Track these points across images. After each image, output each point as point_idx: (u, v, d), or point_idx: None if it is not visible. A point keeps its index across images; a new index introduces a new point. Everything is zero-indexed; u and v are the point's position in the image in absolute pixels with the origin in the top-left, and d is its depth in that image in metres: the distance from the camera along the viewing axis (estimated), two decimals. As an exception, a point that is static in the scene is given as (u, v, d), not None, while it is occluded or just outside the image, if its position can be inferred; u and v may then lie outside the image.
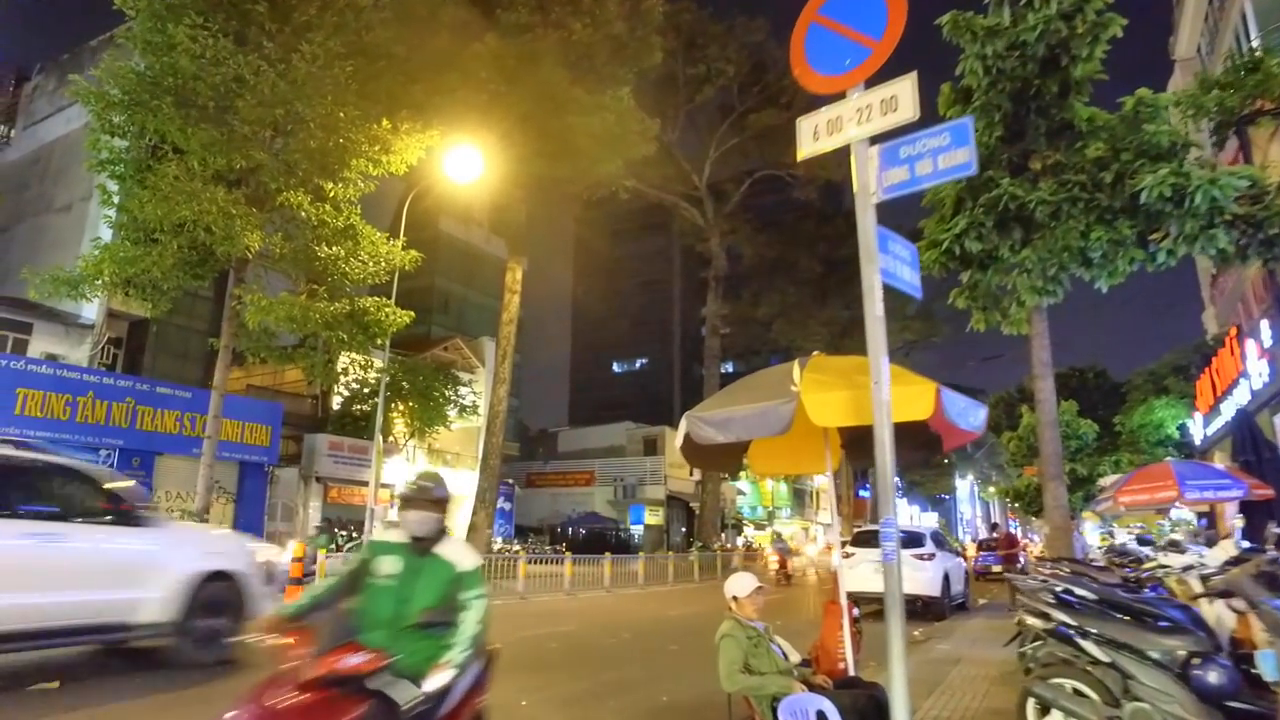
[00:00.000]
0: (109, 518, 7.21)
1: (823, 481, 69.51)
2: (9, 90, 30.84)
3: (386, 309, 19.09)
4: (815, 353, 5.29)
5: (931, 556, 13.19)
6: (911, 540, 13.94)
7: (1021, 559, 18.74)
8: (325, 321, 17.56)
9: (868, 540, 14.26)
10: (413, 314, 20.03)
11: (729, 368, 61.21)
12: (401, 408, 30.59)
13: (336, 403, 31.04)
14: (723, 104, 42.60)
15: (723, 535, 43.21)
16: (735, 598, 4.79)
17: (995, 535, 21.90)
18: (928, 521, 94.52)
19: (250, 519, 23.49)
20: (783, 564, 24.40)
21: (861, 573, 13.48)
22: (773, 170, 44.13)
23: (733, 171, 44.94)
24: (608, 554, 20.38)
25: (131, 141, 16.66)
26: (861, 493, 70.68)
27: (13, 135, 29.98)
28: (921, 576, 13.12)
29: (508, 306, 26.68)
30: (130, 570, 7.18)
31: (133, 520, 7.39)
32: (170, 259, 16.06)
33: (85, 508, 7.12)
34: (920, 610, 13.66)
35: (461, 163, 21.07)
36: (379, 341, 19.49)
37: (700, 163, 42.44)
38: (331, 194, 17.97)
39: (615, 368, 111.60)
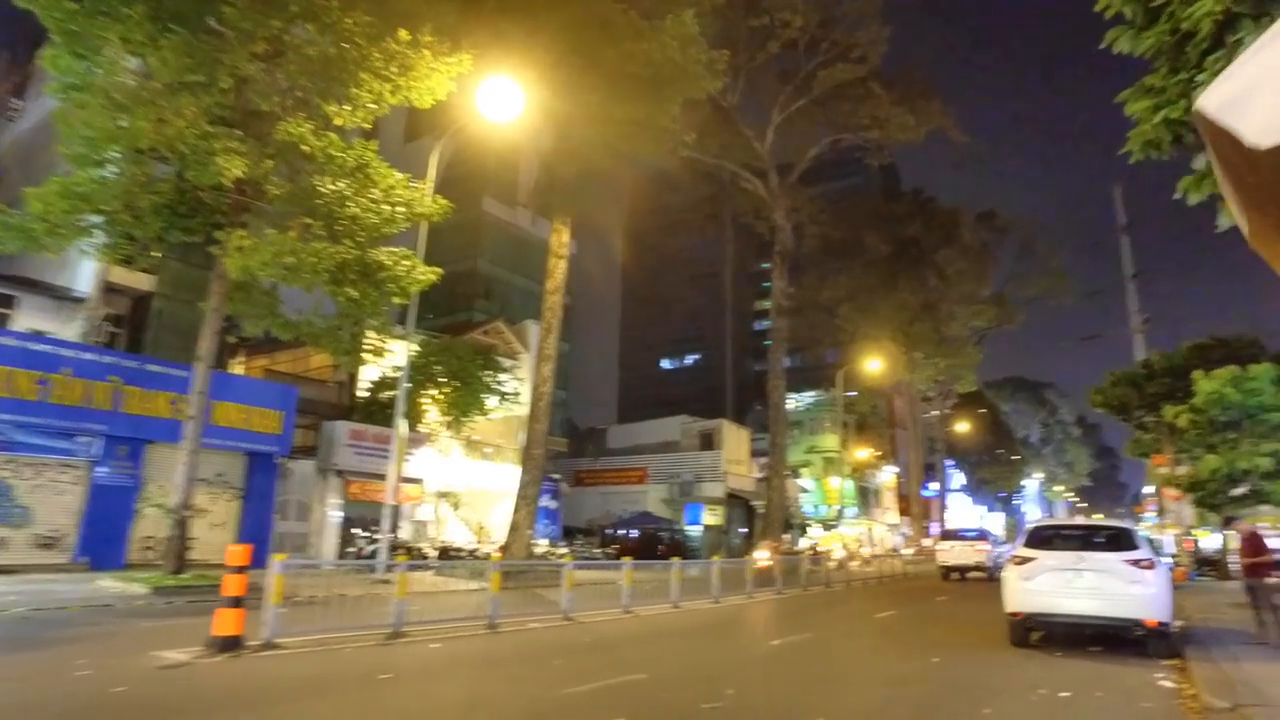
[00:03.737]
0: None
1: (888, 479, 65.19)
2: (21, 64, 28.85)
3: (405, 262, 15.82)
4: None
5: (1151, 565, 9.33)
6: (1115, 540, 10.09)
7: None
8: (330, 274, 14.40)
9: (1051, 540, 10.44)
10: (439, 270, 16.74)
11: (788, 363, 57.09)
12: (435, 394, 27.51)
13: (365, 389, 28.04)
14: (786, 66, 38.73)
15: (787, 536, 39.42)
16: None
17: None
18: (994, 523, 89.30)
19: (258, 517, 20.55)
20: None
21: (1046, 585, 9.70)
22: (844, 134, 40.05)
23: (798, 138, 40.95)
24: (676, 559, 16.82)
25: (97, 61, 13.57)
26: (925, 491, 66.28)
27: (25, 107, 27.97)
28: (1139, 593, 9.23)
29: (553, 273, 23.33)
30: None
31: None
32: (137, 192, 12.99)
33: None
34: (1126, 639, 9.84)
35: (499, 98, 17.71)
36: (396, 301, 16.20)
37: (763, 129, 38.65)
38: (340, 122, 14.81)
39: (666, 364, 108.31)
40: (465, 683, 7.37)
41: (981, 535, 30.22)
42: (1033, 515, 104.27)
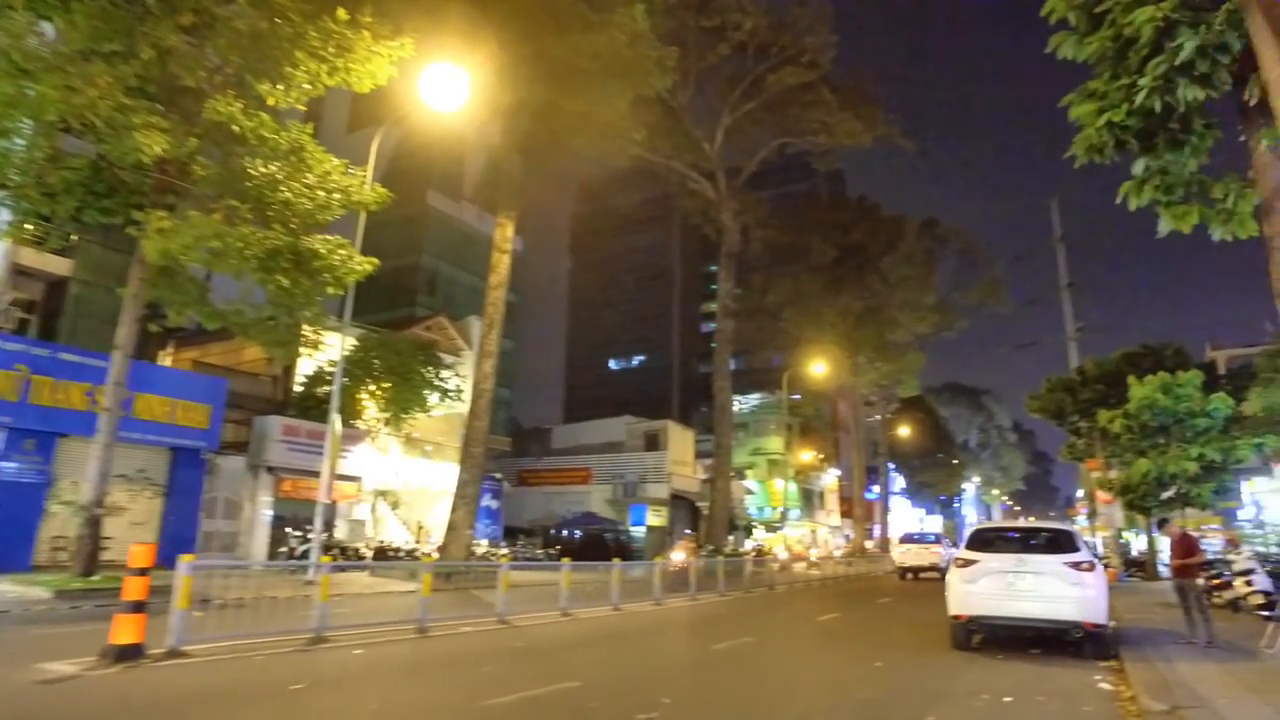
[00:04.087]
0: None
1: (831, 481, 65.88)
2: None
3: (341, 251, 15.17)
4: None
5: (1091, 567, 9.30)
6: (1056, 542, 10.05)
7: (1228, 574, 14.89)
8: (260, 261, 13.70)
9: (993, 542, 10.37)
10: (376, 261, 16.08)
11: (733, 365, 57.14)
12: (374, 389, 26.73)
13: (301, 384, 27.08)
14: (736, 69, 38.70)
15: (731, 538, 39.41)
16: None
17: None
18: (933, 526, 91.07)
19: (183, 515, 19.57)
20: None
21: (988, 588, 9.60)
22: (792, 138, 40.23)
23: (747, 141, 41.05)
24: (617, 561, 16.45)
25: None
26: (868, 494, 67.11)
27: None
28: (1079, 595, 9.17)
29: (496, 268, 22.78)
30: None
31: None
32: (47, 167, 12.15)
33: None
34: (1062, 641, 9.83)
35: (443, 86, 17.17)
36: (330, 292, 15.52)
37: (712, 131, 38.57)
38: (273, 102, 14.11)
39: (612, 365, 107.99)
40: (381, 692, 6.89)
41: (935, 539, 33.69)
42: (971, 518, 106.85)
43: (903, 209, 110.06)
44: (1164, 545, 30.53)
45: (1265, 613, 13.58)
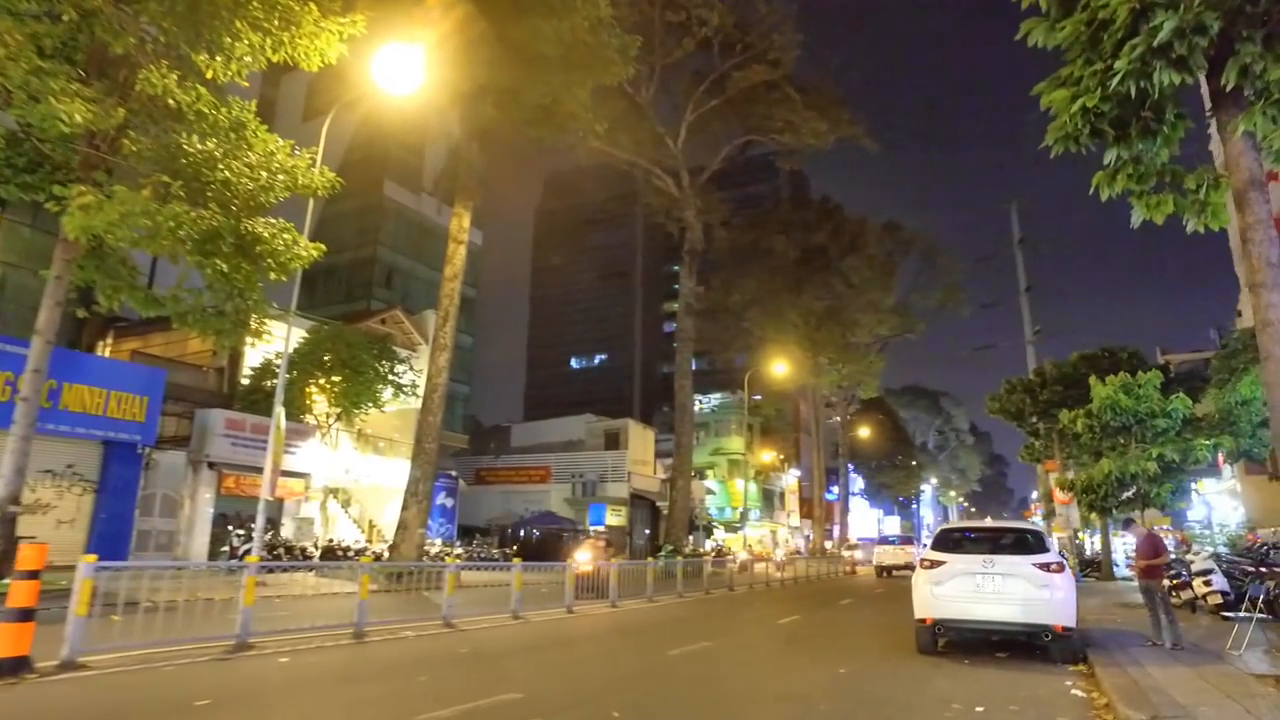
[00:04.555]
0: None
1: (791, 482, 65.93)
2: None
3: (285, 235, 14.37)
4: None
5: (1061, 568, 8.95)
6: (1024, 542, 9.69)
7: (1186, 574, 14.71)
8: (196, 242, 12.91)
9: (960, 542, 9.99)
10: (323, 247, 15.27)
11: (695, 365, 56.85)
12: (324, 383, 25.81)
13: (248, 376, 26.07)
14: (701, 66, 38.41)
15: (691, 538, 39.05)
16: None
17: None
18: (891, 527, 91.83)
19: (116, 513, 18.57)
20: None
21: (955, 591, 9.21)
22: (756, 136, 40.00)
23: (711, 139, 40.76)
24: (570, 561, 15.85)
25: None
26: (828, 495, 67.25)
27: None
28: (1048, 597, 8.82)
29: (452, 259, 22.05)
30: None
31: None
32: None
33: None
34: (1029, 645, 9.52)
35: (399, 67, 16.47)
36: (273, 278, 14.71)
37: (676, 127, 38.17)
38: (211, 74, 13.29)
39: (574, 363, 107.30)
40: (299, 709, 6.23)
41: (908, 540, 37.74)
42: (929, 519, 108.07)
43: (866, 212, 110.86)
44: (1119, 545, 30.97)
45: (1227, 614, 13.50)
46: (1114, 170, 8.98)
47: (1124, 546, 32.80)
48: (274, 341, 21.71)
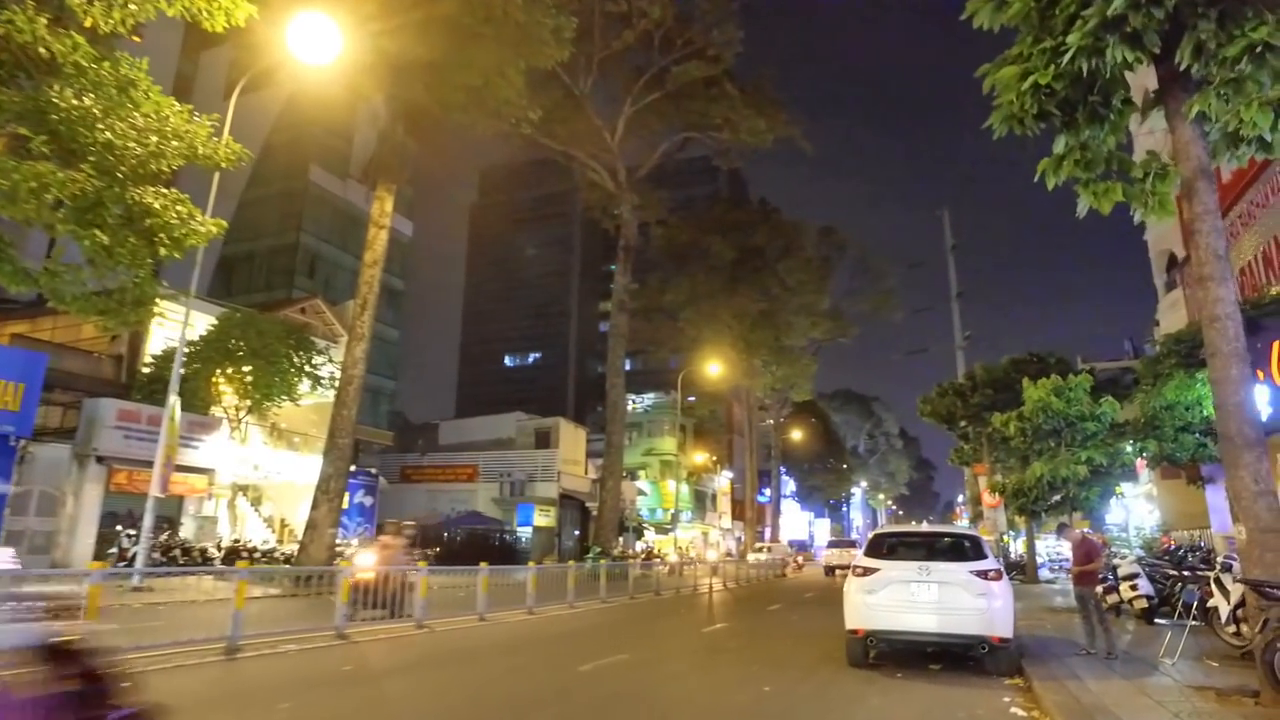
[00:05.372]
0: None
1: (723, 484, 65.81)
2: None
3: (179, 208, 13.09)
4: None
5: (999, 576, 8.46)
6: (961, 548, 9.17)
7: (1113, 579, 14.47)
8: (72, 210, 11.61)
9: (895, 548, 9.42)
10: (223, 223, 13.97)
11: (629, 365, 56.16)
12: (233, 372, 24.28)
13: (149, 365, 24.31)
14: (640, 60, 37.74)
15: (621, 540, 38.36)
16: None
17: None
18: (821, 529, 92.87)
19: (-15, 509, 16.88)
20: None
21: (889, 600, 8.64)
22: (694, 133, 39.54)
23: (649, 135, 40.15)
24: (484, 564, 14.87)
25: None
26: (760, 497, 67.38)
27: None
28: (985, 607, 8.30)
29: (372, 244, 20.89)
30: None
31: None
32: None
33: None
34: (963, 655, 9.03)
35: (314, 33, 15.35)
36: (163, 254, 13.40)
37: (614, 120, 37.44)
38: (89, 23, 11.97)
39: (508, 361, 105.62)
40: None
41: (853, 543, 40.56)
42: (858, 522, 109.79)
43: (804, 216, 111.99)
44: (1041, 549, 31.45)
45: (1161, 620, 13.41)
46: (1060, 157, 8.58)
47: (1046, 550, 33.39)
48: (167, 327, 20.28)
